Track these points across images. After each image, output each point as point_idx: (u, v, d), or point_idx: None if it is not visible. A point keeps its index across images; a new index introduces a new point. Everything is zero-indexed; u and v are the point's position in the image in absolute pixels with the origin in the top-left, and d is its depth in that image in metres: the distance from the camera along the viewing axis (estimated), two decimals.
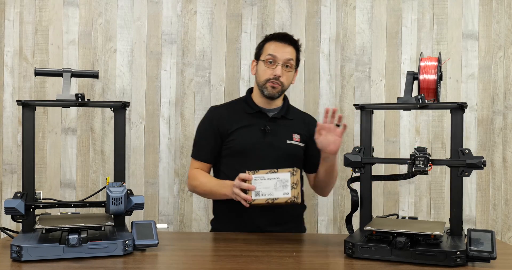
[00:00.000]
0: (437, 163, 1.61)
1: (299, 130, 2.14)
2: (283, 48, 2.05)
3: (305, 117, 2.22)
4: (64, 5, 2.71)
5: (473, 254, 1.45)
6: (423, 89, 1.65)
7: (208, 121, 2.13)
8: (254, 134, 2.05)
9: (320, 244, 1.82)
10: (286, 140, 2.08)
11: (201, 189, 2.06)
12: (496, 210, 2.73)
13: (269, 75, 2.03)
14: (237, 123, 2.07)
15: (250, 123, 2.07)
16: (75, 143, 2.71)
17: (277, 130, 2.08)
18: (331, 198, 2.74)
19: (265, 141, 2.04)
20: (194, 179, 2.08)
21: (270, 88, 2.04)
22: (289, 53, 2.05)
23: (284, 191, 1.74)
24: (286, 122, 2.12)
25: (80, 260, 1.48)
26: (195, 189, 2.10)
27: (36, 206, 1.66)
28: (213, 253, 1.62)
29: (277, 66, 2.03)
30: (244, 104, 2.13)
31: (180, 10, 2.73)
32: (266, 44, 2.08)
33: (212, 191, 2.01)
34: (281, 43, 2.06)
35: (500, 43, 2.73)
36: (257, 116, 2.09)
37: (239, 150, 2.04)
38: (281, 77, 2.03)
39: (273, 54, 2.03)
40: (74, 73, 1.75)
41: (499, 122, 2.73)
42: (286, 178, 1.75)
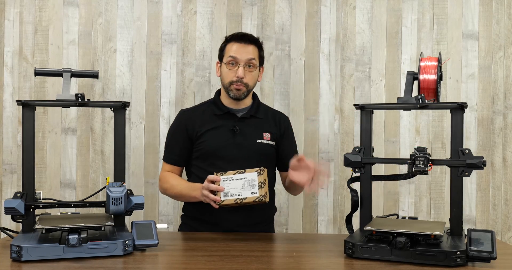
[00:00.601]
0: (437, 163, 1.61)
1: (270, 128, 2.12)
2: (244, 48, 2.04)
3: (276, 115, 2.19)
4: (64, 5, 2.71)
5: (473, 254, 1.45)
6: (423, 89, 1.65)
7: (177, 124, 2.13)
8: (223, 135, 2.05)
9: (320, 244, 1.82)
10: (257, 139, 2.07)
11: (171, 191, 2.08)
12: (496, 210, 2.73)
13: (232, 77, 2.02)
14: (206, 125, 2.07)
15: (219, 125, 2.07)
16: (75, 143, 2.71)
17: (247, 130, 2.06)
18: (331, 198, 2.74)
19: (235, 142, 2.04)
20: (165, 182, 2.09)
21: (235, 91, 2.03)
22: (250, 52, 2.04)
23: (252, 190, 1.78)
24: (256, 121, 2.10)
25: (80, 260, 1.48)
26: (165, 192, 2.11)
27: (36, 206, 1.66)
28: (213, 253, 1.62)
29: (239, 68, 2.02)
30: (213, 105, 2.12)
31: (180, 10, 2.73)
32: (227, 46, 2.07)
33: (182, 193, 2.03)
34: (241, 43, 2.05)
35: (500, 43, 2.73)
36: (225, 117, 2.08)
37: (208, 151, 2.04)
38: (245, 78, 2.03)
39: (234, 56, 2.02)
40: (74, 73, 1.75)
41: (499, 122, 2.73)
42: (253, 177, 1.79)
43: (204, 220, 2.05)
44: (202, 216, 2.05)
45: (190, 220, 2.13)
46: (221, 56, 2.10)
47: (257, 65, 2.07)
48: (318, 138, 2.74)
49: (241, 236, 1.85)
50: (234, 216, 2.00)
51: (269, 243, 1.76)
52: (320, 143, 2.74)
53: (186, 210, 2.17)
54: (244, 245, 1.73)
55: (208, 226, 2.02)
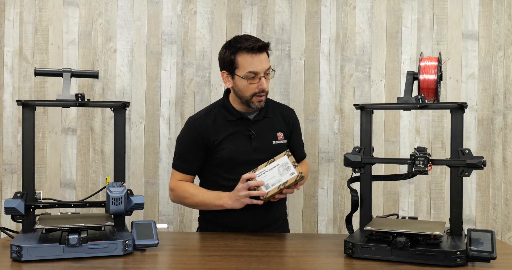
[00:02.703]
0: (437, 163, 1.61)
1: (281, 127, 2.10)
2: (260, 59, 1.93)
3: (283, 110, 2.17)
4: (64, 5, 2.71)
5: (473, 254, 1.45)
6: (423, 89, 1.65)
7: (190, 134, 2.04)
8: (240, 141, 2.01)
9: (320, 244, 1.82)
10: (272, 141, 2.05)
11: (191, 200, 2.01)
12: (496, 210, 2.73)
13: (254, 90, 1.94)
14: (221, 132, 2.01)
15: (234, 131, 2.01)
16: (75, 143, 2.71)
17: (262, 133, 2.04)
18: (331, 198, 2.74)
19: (252, 146, 2.01)
20: (183, 191, 2.02)
21: (257, 103, 1.97)
22: (266, 61, 1.95)
23: (290, 172, 1.82)
24: (268, 122, 2.08)
25: (80, 260, 1.48)
26: (183, 200, 2.04)
27: (36, 206, 1.66)
28: (213, 253, 1.62)
29: (261, 79, 1.93)
30: (224, 111, 2.04)
31: (180, 10, 2.73)
32: (239, 57, 1.93)
33: (205, 203, 1.98)
34: (256, 54, 1.92)
35: (500, 43, 2.73)
36: (239, 122, 2.03)
37: (228, 159, 2.00)
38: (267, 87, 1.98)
39: (254, 71, 1.92)
40: (74, 73, 1.75)
41: (499, 122, 2.73)
42: (285, 161, 1.84)
43: (223, 224, 2.01)
44: (221, 220, 2.02)
45: (208, 223, 2.09)
46: (232, 68, 1.96)
47: (272, 69, 2.00)
48: (318, 138, 2.74)
49: (241, 236, 1.85)
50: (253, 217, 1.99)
51: (269, 243, 1.76)
52: (320, 143, 2.74)
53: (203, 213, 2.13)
54: (244, 245, 1.73)
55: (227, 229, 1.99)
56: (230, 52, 1.96)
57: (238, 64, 1.95)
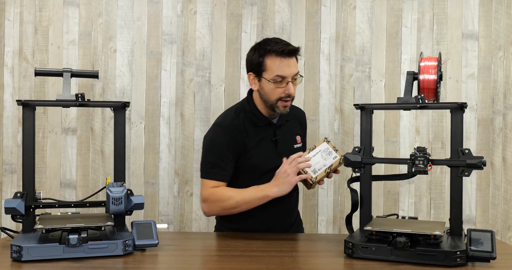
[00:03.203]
0: (437, 163, 1.61)
1: (298, 130, 2.13)
2: (289, 63, 1.89)
3: (296, 112, 2.16)
4: (64, 5, 2.71)
5: (473, 254, 1.45)
6: (423, 89, 1.65)
7: (225, 139, 1.94)
8: (267, 147, 1.98)
9: (320, 244, 1.82)
10: (293, 145, 2.06)
11: (231, 202, 1.88)
12: (496, 210, 2.73)
13: (280, 94, 1.90)
14: (251, 138, 1.96)
15: (262, 137, 1.98)
16: (75, 143, 2.71)
17: (285, 138, 2.03)
18: (331, 198, 2.74)
19: (277, 152, 1.98)
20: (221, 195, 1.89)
21: (282, 107, 1.93)
22: (294, 66, 1.91)
23: (333, 156, 1.91)
24: (288, 126, 2.07)
25: (80, 260, 1.49)
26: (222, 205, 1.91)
27: (36, 206, 1.66)
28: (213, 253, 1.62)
29: (288, 84, 1.90)
30: (252, 116, 1.99)
31: (180, 10, 2.73)
32: (268, 60, 1.90)
33: (247, 200, 1.87)
34: (285, 58, 1.89)
35: (500, 43, 2.73)
36: (265, 128, 2.00)
37: (256, 166, 1.95)
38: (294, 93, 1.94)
39: (282, 75, 1.88)
40: (74, 73, 1.75)
41: (499, 122, 2.73)
42: (325, 147, 1.92)
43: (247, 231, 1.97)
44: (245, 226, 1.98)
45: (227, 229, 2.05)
46: (259, 70, 1.92)
47: (300, 75, 1.96)
48: (318, 138, 2.74)
49: (241, 236, 1.85)
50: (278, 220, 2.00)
51: (269, 243, 1.76)
52: None
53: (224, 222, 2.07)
54: (244, 245, 1.73)
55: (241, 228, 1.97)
56: (259, 54, 1.92)
57: (266, 67, 1.90)
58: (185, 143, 2.72)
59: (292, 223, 2.10)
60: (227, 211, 1.93)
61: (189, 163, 2.72)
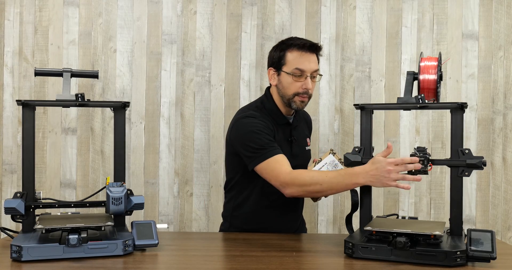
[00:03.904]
0: (437, 163, 1.61)
1: (308, 133, 2.15)
2: (309, 58, 1.90)
3: (305, 116, 2.20)
4: (64, 5, 2.71)
5: (473, 254, 1.45)
6: (423, 89, 1.65)
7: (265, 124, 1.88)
8: (284, 146, 1.95)
9: (320, 244, 1.82)
10: (305, 146, 2.07)
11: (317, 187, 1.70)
12: (496, 210, 2.73)
13: (298, 89, 1.90)
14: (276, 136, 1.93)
15: (280, 135, 1.96)
16: (75, 143, 2.71)
17: (299, 139, 2.03)
18: (331, 198, 2.74)
19: (292, 152, 1.98)
20: (306, 180, 1.72)
21: (299, 103, 1.92)
22: (314, 62, 1.91)
23: (339, 168, 1.86)
24: (300, 127, 2.08)
25: (80, 260, 1.48)
26: (308, 189, 1.72)
27: (36, 206, 1.65)
28: (213, 253, 1.62)
29: (307, 79, 1.89)
30: (273, 114, 1.97)
31: (180, 10, 2.73)
32: (289, 53, 1.91)
33: (333, 185, 1.68)
34: (306, 53, 1.89)
35: (500, 43, 2.73)
36: (284, 127, 1.99)
37: None
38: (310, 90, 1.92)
39: (301, 69, 1.88)
40: (74, 73, 1.75)
41: (499, 122, 2.73)
42: (331, 159, 1.87)
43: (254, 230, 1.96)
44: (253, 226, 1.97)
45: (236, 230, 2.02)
46: (279, 65, 1.93)
47: (319, 74, 1.96)
48: (318, 138, 2.74)
49: (241, 236, 1.85)
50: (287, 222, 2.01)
51: (269, 243, 1.76)
52: (320, 143, 2.74)
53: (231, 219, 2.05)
54: (244, 245, 1.73)
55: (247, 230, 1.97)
56: (281, 48, 1.94)
57: (286, 60, 1.91)
58: (185, 143, 2.72)
59: (297, 226, 2.12)
60: (311, 195, 1.80)
61: (189, 163, 2.72)
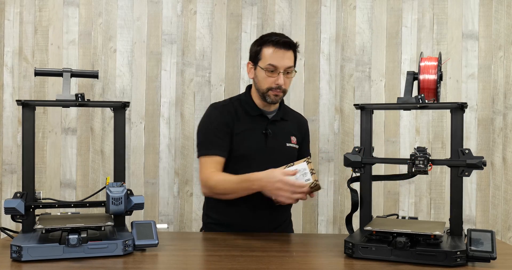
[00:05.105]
0: (437, 163, 1.61)
1: (295, 132, 2.13)
2: (283, 55, 1.95)
3: (298, 117, 2.21)
4: (64, 5, 2.71)
5: (473, 254, 1.45)
6: (423, 89, 1.65)
7: (216, 118, 2.01)
8: (257, 138, 2.02)
9: (320, 244, 1.82)
10: (286, 143, 2.07)
11: (221, 187, 1.90)
12: (496, 210, 2.73)
13: (271, 84, 1.96)
14: (241, 125, 2.02)
15: (253, 127, 2.02)
16: (75, 143, 2.71)
17: (277, 133, 2.05)
18: (331, 198, 2.74)
19: (267, 146, 2.02)
20: (210, 180, 1.92)
21: (273, 97, 1.98)
22: (289, 59, 1.97)
23: (306, 178, 1.80)
24: (284, 124, 2.10)
25: (80, 260, 1.48)
26: (214, 189, 1.93)
27: (36, 206, 1.65)
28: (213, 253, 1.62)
29: (280, 75, 1.95)
30: (245, 105, 2.06)
31: (180, 10, 2.73)
32: (264, 49, 1.97)
33: (236, 189, 1.87)
34: (280, 49, 1.95)
35: (500, 43, 2.73)
36: (258, 119, 2.04)
37: (243, 155, 2.00)
38: (283, 85, 1.97)
39: (274, 64, 1.94)
40: (74, 73, 1.75)
41: (499, 122, 2.73)
42: (303, 167, 1.81)
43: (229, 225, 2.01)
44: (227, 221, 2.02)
45: (213, 224, 2.09)
46: (256, 59, 2.00)
47: (294, 70, 2.02)
48: (318, 138, 2.74)
49: (241, 236, 1.85)
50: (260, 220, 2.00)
51: (269, 243, 1.76)
52: (320, 143, 2.74)
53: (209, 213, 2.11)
54: (244, 245, 1.73)
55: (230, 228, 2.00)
56: (258, 43, 2.01)
57: (262, 55, 1.98)
58: (185, 143, 2.72)
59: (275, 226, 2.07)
60: (219, 196, 1.96)
61: (189, 163, 2.72)
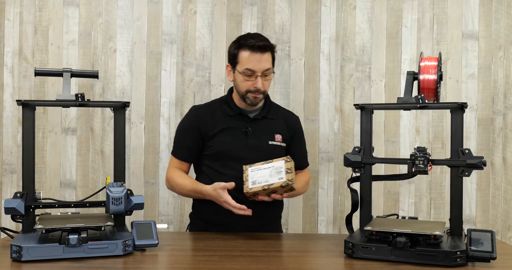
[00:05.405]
0: (437, 163, 1.61)
1: (281, 130, 2.11)
2: (260, 58, 1.96)
3: (287, 115, 2.18)
4: (64, 5, 2.71)
5: (473, 254, 1.45)
6: (423, 89, 1.65)
7: (189, 121, 2.09)
8: (236, 136, 2.03)
9: (320, 244, 1.82)
10: (268, 141, 2.06)
11: (177, 189, 2.08)
12: (496, 210, 2.73)
13: (249, 87, 1.98)
14: (219, 125, 2.04)
15: (232, 125, 2.04)
16: (75, 143, 2.71)
17: (259, 131, 2.05)
18: (331, 198, 2.74)
19: (247, 143, 2.03)
20: (170, 180, 2.09)
21: (252, 99, 2.00)
22: (266, 61, 1.97)
23: (279, 176, 1.78)
24: (267, 122, 2.09)
25: (80, 260, 1.49)
26: (172, 189, 2.12)
27: (36, 206, 1.66)
28: (213, 253, 1.62)
29: (257, 78, 1.97)
30: (225, 105, 2.08)
31: (180, 10, 2.73)
32: (241, 53, 1.98)
33: (190, 194, 2.06)
34: (256, 53, 1.95)
35: (500, 43, 2.73)
36: (238, 118, 2.06)
37: (221, 152, 2.02)
38: (262, 87, 1.99)
39: (251, 68, 1.95)
40: (74, 73, 1.75)
41: (499, 122, 2.73)
42: (280, 165, 1.81)
43: (212, 222, 2.04)
44: (212, 217, 2.04)
45: (199, 220, 2.12)
46: (234, 62, 2.02)
47: (272, 71, 2.03)
48: (318, 138, 2.74)
49: (241, 236, 1.85)
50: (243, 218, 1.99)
51: (269, 243, 1.76)
52: (320, 143, 2.74)
53: (195, 209, 2.16)
54: (244, 245, 1.73)
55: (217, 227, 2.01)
56: (235, 46, 2.02)
57: (239, 59, 2.00)
58: None
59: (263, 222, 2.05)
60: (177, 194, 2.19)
61: None
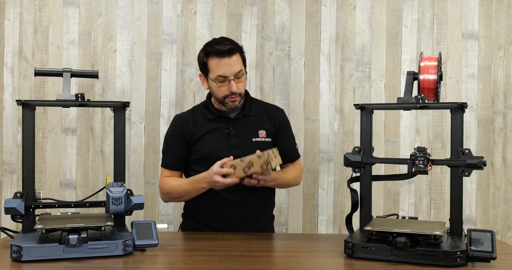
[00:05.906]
0: (437, 163, 1.61)
1: (265, 125, 2.10)
2: (229, 62, 1.96)
3: (269, 109, 2.17)
4: (64, 5, 2.71)
5: (473, 254, 1.45)
6: (423, 89, 1.65)
7: (172, 130, 2.12)
8: (219, 138, 2.04)
9: (320, 244, 1.82)
10: (252, 138, 2.07)
11: (174, 193, 2.06)
12: (496, 210, 2.73)
13: (225, 92, 1.98)
14: (201, 129, 2.06)
15: (214, 128, 2.06)
16: (75, 143, 2.71)
17: (241, 130, 2.06)
18: (331, 198, 2.74)
19: (230, 144, 2.03)
20: (166, 186, 2.08)
21: (231, 103, 2.01)
22: (236, 64, 1.97)
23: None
24: (250, 120, 2.09)
25: (80, 260, 1.48)
26: (169, 196, 2.09)
27: (36, 206, 1.66)
28: (213, 253, 1.62)
29: (230, 82, 1.97)
30: (205, 110, 2.10)
31: (180, 10, 2.73)
32: (210, 61, 1.98)
33: (187, 190, 2.02)
34: (224, 58, 1.95)
35: (500, 43, 2.73)
36: (219, 120, 2.07)
37: (205, 155, 2.03)
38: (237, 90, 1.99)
39: (222, 75, 1.96)
40: (74, 73, 1.75)
41: (499, 122, 2.73)
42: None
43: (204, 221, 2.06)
44: (202, 217, 2.07)
45: (191, 219, 2.14)
46: (205, 71, 2.03)
47: (244, 72, 2.03)
48: (318, 138, 2.74)
49: (241, 236, 1.85)
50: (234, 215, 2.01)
51: (269, 243, 1.76)
52: (320, 143, 2.74)
53: (186, 209, 2.17)
54: (244, 245, 1.73)
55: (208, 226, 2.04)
56: (203, 55, 2.02)
57: (209, 68, 2.00)
58: None
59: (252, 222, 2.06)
60: (175, 200, 2.17)
61: None
